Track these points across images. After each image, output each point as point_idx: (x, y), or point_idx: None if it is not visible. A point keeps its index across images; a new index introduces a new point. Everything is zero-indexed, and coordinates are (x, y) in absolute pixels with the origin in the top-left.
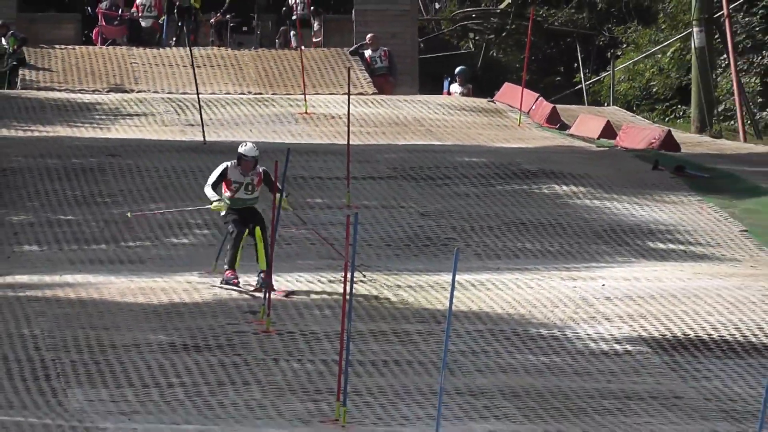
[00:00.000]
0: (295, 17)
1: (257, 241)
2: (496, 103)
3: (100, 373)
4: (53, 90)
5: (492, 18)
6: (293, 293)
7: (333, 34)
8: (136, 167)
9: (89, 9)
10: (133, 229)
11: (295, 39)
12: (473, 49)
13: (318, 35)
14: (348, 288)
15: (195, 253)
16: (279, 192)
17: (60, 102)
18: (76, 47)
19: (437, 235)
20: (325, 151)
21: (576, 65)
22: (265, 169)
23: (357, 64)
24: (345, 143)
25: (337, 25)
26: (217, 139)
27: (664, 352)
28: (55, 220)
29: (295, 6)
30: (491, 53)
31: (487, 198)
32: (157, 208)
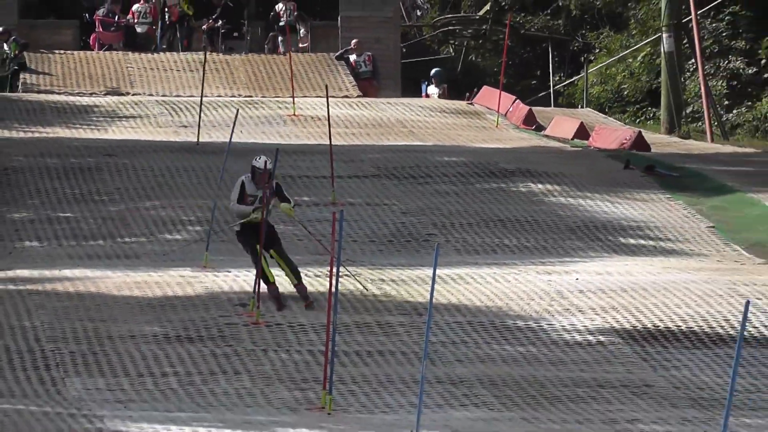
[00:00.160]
0: (283, 23)
1: (278, 262)
2: (474, 105)
3: (97, 363)
4: (53, 93)
5: (471, 24)
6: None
7: (320, 39)
8: (131, 166)
9: (87, 16)
10: (129, 226)
11: (283, 44)
12: (453, 54)
13: (305, 40)
14: (334, 282)
15: (188, 249)
16: (287, 201)
17: (59, 104)
18: (74, 52)
19: (419, 232)
20: (312, 151)
21: (551, 69)
22: (278, 182)
23: (342, 68)
24: (329, 144)
25: (324, 31)
26: (209, 140)
27: (635, 342)
28: (55, 217)
29: (282, 13)
30: (470, 58)
31: (467, 196)
32: (152, 205)
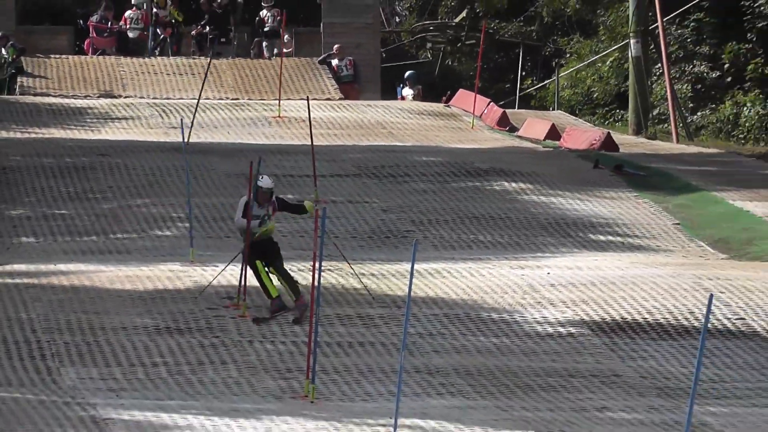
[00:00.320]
0: (267, 29)
1: (278, 278)
2: (451, 108)
3: (90, 354)
4: (48, 96)
5: (448, 30)
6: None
7: (303, 44)
8: (123, 166)
9: (81, 22)
10: (121, 223)
11: (267, 49)
12: (431, 59)
13: (289, 45)
14: (316, 275)
15: (177, 244)
16: (301, 205)
17: (55, 106)
18: (69, 57)
19: (398, 228)
20: (296, 152)
21: (524, 73)
22: (278, 197)
23: (325, 72)
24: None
25: (307, 37)
26: (197, 141)
27: (603, 334)
28: (50, 214)
29: (267, 19)
30: (447, 62)
31: (443, 194)
32: (143, 203)
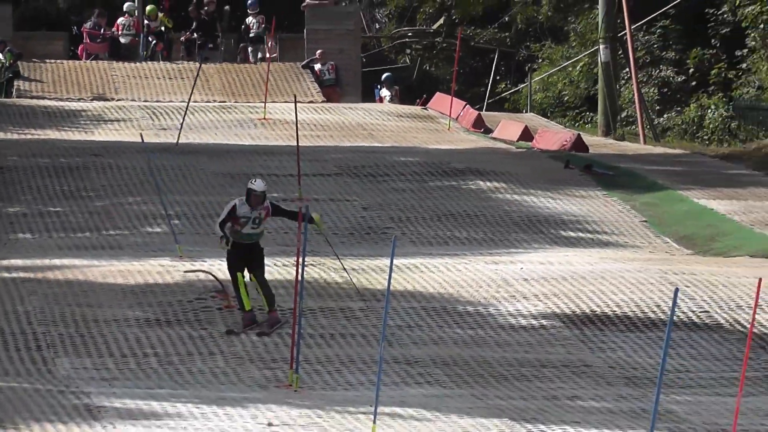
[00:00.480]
0: (253, 35)
1: (257, 287)
2: (428, 110)
3: (84, 345)
4: (44, 98)
5: (425, 36)
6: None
7: (287, 50)
8: (116, 165)
9: (75, 28)
10: (113, 219)
11: (253, 54)
12: (409, 63)
13: (273, 51)
14: (300, 270)
15: (167, 240)
16: (303, 215)
17: (50, 109)
18: (64, 61)
19: (377, 225)
20: (281, 152)
21: (498, 78)
22: (272, 202)
23: (308, 76)
24: (296, 145)
25: (291, 43)
26: (187, 141)
27: (574, 326)
28: (46, 211)
29: (252, 25)
30: (425, 67)
31: (421, 193)
32: (134, 201)
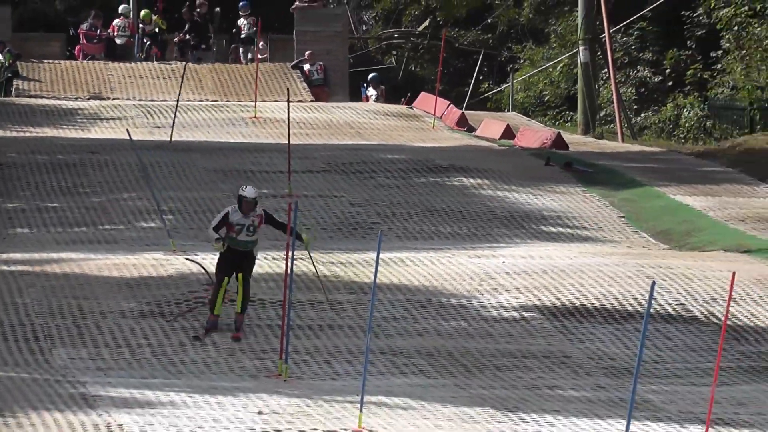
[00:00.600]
0: (244, 36)
1: (239, 285)
2: (414, 109)
3: (80, 336)
4: (42, 97)
5: (411, 38)
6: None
7: (278, 51)
8: (111, 162)
9: (72, 30)
10: (109, 215)
11: (243, 55)
12: (395, 64)
13: (264, 51)
14: (289, 264)
15: (161, 235)
16: (292, 230)
17: (48, 107)
18: (61, 62)
19: (364, 220)
20: (271, 149)
21: (481, 78)
22: (266, 210)
23: (297, 76)
24: (287, 142)
25: (282, 44)
26: (180, 139)
27: (554, 318)
28: (44, 206)
29: (243, 27)
30: (410, 67)
31: (407, 189)
32: (129, 197)
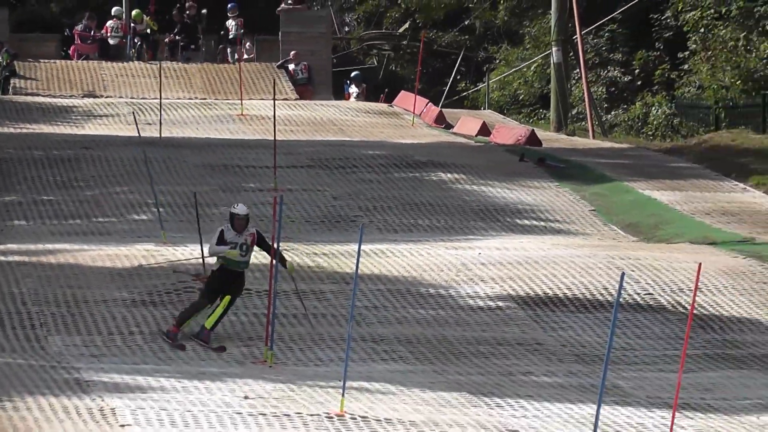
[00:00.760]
0: (232, 36)
1: (220, 305)
2: (394, 107)
3: (74, 323)
4: (38, 95)
5: (392, 39)
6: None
7: (264, 51)
8: (104, 157)
9: (67, 30)
10: (102, 208)
11: (231, 55)
12: (376, 64)
13: (251, 52)
14: (274, 254)
15: (152, 227)
16: (276, 252)
17: (43, 105)
18: (56, 61)
19: (347, 213)
20: (257, 145)
21: (458, 77)
22: (258, 230)
23: (283, 75)
24: (273, 139)
25: (267, 45)
26: (170, 135)
27: (528, 307)
28: (39, 200)
29: (231, 28)
30: (391, 67)
31: (387, 183)
32: (121, 190)
